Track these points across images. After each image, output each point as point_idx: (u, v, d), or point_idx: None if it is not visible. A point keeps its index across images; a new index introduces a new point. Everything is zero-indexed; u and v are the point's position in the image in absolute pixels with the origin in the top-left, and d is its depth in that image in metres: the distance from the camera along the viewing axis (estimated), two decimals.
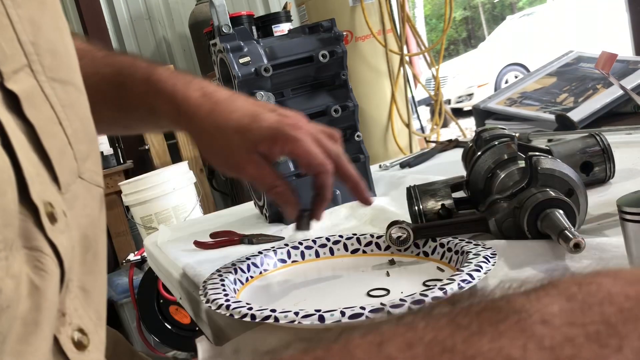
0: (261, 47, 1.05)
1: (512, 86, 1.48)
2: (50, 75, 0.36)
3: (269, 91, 1.05)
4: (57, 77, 0.37)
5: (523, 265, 0.57)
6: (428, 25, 16.29)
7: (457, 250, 0.61)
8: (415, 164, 1.24)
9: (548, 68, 1.49)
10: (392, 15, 2.36)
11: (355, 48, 2.29)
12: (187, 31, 3.08)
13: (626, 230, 0.44)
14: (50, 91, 0.36)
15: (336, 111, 1.09)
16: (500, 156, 0.75)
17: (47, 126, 0.35)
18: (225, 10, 1.02)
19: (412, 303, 0.47)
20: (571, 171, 0.64)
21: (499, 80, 7.83)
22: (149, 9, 3.23)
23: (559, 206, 0.59)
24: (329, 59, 1.07)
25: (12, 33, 0.33)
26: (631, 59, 1.35)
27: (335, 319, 0.46)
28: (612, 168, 0.78)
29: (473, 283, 0.50)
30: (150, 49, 3.25)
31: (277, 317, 0.48)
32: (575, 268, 0.54)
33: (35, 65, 0.35)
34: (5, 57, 0.32)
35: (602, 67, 0.84)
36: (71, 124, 0.38)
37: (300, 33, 1.11)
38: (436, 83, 2.65)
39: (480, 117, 1.45)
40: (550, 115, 1.24)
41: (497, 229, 0.64)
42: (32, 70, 0.35)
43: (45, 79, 0.36)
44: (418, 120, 2.91)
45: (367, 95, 2.28)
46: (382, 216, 0.84)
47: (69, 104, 0.38)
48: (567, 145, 0.79)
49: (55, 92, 0.36)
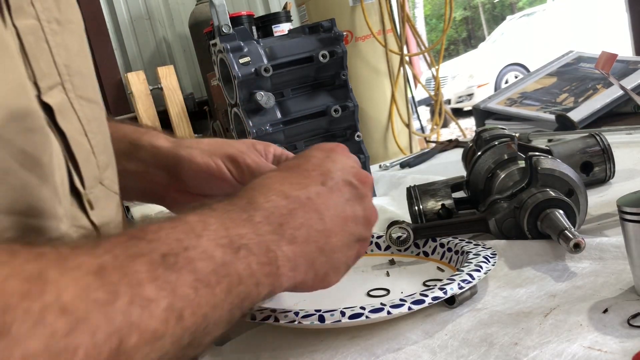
0: (261, 47, 1.05)
1: (512, 86, 1.48)
2: (78, 94, 0.42)
3: (269, 91, 1.05)
4: (84, 95, 0.42)
5: (523, 265, 0.57)
6: (428, 25, 16.29)
7: (457, 250, 0.61)
8: (415, 164, 1.24)
9: (548, 68, 1.49)
10: (392, 15, 2.35)
11: (355, 48, 2.29)
12: (187, 31, 3.08)
13: (626, 230, 0.44)
14: (78, 107, 0.41)
15: (336, 111, 1.09)
16: (500, 156, 0.75)
17: (75, 136, 0.40)
18: (225, 10, 1.02)
19: (412, 303, 0.47)
20: (571, 171, 0.64)
21: (499, 80, 7.83)
22: (149, 9, 3.23)
23: (559, 206, 0.59)
24: (329, 59, 1.06)
25: (49, 56, 0.39)
26: (631, 59, 1.35)
27: (335, 319, 0.46)
28: (612, 168, 0.78)
29: (473, 283, 0.50)
30: (150, 49, 3.25)
31: (277, 317, 0.48)
32: (575, 268, 0.54)
33: (67, 84, 0.40)
34: (43, 75, 0.38)
35: (602, 67, 0.84)
36: (94, 137, 0.43)
37: (300, 33, 1.11)
38: (436, 83, 2.64)
39: (480, 117, 1.44)
40: (550, 115, 1.24)
41: (497, 229, 0.64)
42: (64, 88, 0.40)
43: (74, 96, 0.41)
44: (418, 120, 2.90)
45: (367, 95, 2.28)
46: (382, 216, 0.84)
47: (92, 119, 0.43)
48: (567, 145, 0.79)
49: (82, 108, 0.42)
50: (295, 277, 0.42)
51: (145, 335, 0.29)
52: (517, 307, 0.48)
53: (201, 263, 0.34)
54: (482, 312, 0.49)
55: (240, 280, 0.36)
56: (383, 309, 0.47)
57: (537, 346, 0.41)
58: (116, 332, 0.27)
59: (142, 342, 0.28)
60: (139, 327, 0.28)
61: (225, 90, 1.11)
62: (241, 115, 1.08)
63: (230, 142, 0.66)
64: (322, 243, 0.44)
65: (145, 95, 2.63)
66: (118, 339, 0.27)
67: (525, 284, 0.53)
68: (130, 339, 0.28)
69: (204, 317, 0.33)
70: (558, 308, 0.46)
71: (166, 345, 0.30)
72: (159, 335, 0.30)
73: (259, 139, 1.12)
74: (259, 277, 0.38)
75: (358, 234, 0.48)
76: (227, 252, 0.36)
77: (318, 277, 0.45)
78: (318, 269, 0.45)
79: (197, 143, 0.65)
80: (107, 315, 0.27)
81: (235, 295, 0.36)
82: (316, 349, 0.48)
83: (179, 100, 2.69)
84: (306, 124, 1.11)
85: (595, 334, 0.40)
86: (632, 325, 0.41)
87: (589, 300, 0.46)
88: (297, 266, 0.42)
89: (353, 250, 0.48)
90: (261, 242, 0.39)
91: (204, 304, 0.33)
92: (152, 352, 0.29)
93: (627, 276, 0.48)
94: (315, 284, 0.45)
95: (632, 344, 0.38)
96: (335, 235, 0.46)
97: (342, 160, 0.50)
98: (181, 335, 0.31)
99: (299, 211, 0.43)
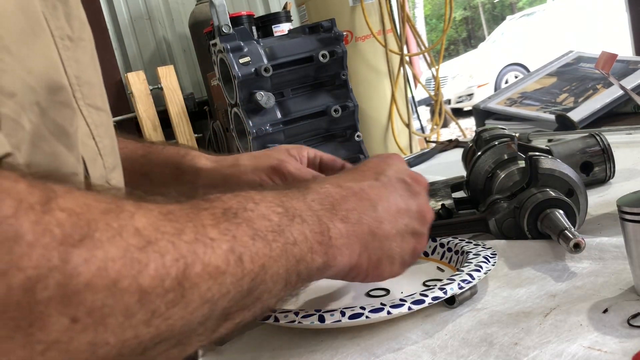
0: (261, 47, 1.05)
1: (512, 86, 1.48)
2: (87, 102, 0.44)
3: (269, 91, 1.05)
4: (92, 103, 0.45)
5: (523, 265, 0.57)
6: (428, 25, 16.28)
7: (457, 250, 0.61)
8: (415, 164, 1.24)
9: (548, 68, 1.49)
10: (392, 15, 2.35)
11: (355, 48, 2.29)
12: (187, 31, 3.08)
13: (626, 230, 0.44)
14: (86, 113, 0.44)
15: (336, 111, 1.09)
16: (500, 156, 0.75)
17: (83, 139, 0.43)
18: (225, 10, 1.02)
19: (412, 303, 0.47)
20: (571, 171, 0.64)
21: (499, 80, 7.83)
22: (149, 9, 3.23)
23: (559, 206, 0.59)
24: (329, 59, 1.06)
25: (62, 68, 0.41)
26: (631, 59, 1.35)
27: (335, 319, 0.46)
28: (612, 168, 0.78)
29: (473, 283, 0.50)
30: (150, 49, 3.25)
31: (277, 317, 0.48)
32: (575, 268, 0.54)
33: (77, 93, 0.43)
34: None
35: (602, 67, 0.84)
36: (101, 140, 0.46)
37: (300, 33, 1.11)
38: (436, 83, 2.64)
39: (480, 117, 1.44)
40: (550, 115, 1.24)
41: (497, 229, 0.64)
42: (74, 96, 0.42)
43: (84, 104, 0.44)
44: (418, 120, 2.90)
45: (367, 95, 2.28)
46: None
47: (99, 125, 0.46)
48: (567, 145, 0.79)
49: (90, 115, 0.45)
50: (350, 256, 0.44)
51: (208, 268, 0.32)
52: (517, 307, 0.48)
53: (259, 221, 0.37)
54: (482, 312, 0.49)
55: (295, 242, 0.39)
56: (383, 309, 0.47)
57: (537, 346, 0.41)
58: (182, 259, 0.30)
59: (205, 274, 0.31)
60: (203, 260, 0.31)
61: (225, 90, 1.11)
62: (241, 115, 1.08)
63: (269, 153, 0.69)
64: (375, 227, 0.46)
65: (145, 95, 2.63)
66: (184, 265, 0.30)
67: (525, 284, 0.53)
68: (194, 268, 0.31)
69: (261, 266, 0.36)
70: (558, 308, 0.46)
71: (227, 284, 0.33)
72: (221, 272, 0.33)
73: (259, 139, 1.12)
74: (312, 243, 0.41)
75: (412, 227, 0.49)
76: (283, 217, 0.39)
77: (372, 263, 0.46)
78: (371, 254, 0.46)
79: (237, 160, 0.68)
80: (174, 244, 0.30)
81: (290, 254, 0.39)
82: (316, 349, 0.48)
83: (179, 100, 2.69)
84: (306, 124, 1.11)
85: (595, 334, 0.40)
86: (632, 325, 0.41)
87: (589, 300, 0.46)
88: (349, 244, 0.44)
89: (408, 243, 0.49)
90: (314, 215, 0.42)
91: (261, 254, 0.36)
92: (215, 286, 0.32)
93: (627, 276, 0.48)
94: (370, 269, 0.47)
95: (632, 344, 0.38)
96: (388, 223, 0.47)
97: (396, 164, 0.52)
98: (241, 277, 0.34)
99: (352, 198, 0.46)
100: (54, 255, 0.25)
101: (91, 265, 0.26)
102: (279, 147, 0.71)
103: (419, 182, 0.52)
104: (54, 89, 0.37)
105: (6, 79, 0.32)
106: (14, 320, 0.24)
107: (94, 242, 0.27)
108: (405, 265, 0.50)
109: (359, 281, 0.48)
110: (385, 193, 0.48)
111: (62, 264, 0.25)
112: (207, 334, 0.34)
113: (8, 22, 0.33)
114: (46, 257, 0.25)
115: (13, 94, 0.32)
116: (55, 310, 0.25)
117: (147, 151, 0.72)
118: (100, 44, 0.56)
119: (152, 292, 0.29)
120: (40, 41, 0.36)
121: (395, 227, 0.48)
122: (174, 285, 0.30)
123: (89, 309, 0.26)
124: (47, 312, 0.25)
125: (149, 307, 0.29)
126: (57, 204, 0.27)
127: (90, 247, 0.27)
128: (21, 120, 0.33)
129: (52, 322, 0.25)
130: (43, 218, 0.26)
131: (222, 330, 0.35)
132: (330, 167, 0.72)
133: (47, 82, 0.36)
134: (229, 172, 0.67)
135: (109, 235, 0.28)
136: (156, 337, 0.30)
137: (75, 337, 0.26)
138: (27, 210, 0.25)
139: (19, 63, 0.33)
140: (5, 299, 0.24)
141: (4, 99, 0.31)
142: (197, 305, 0.31)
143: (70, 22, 0.44)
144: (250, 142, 1.09)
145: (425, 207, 0.51)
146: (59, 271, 0.25)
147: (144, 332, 0.29)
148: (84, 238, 0.26)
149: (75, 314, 0.26)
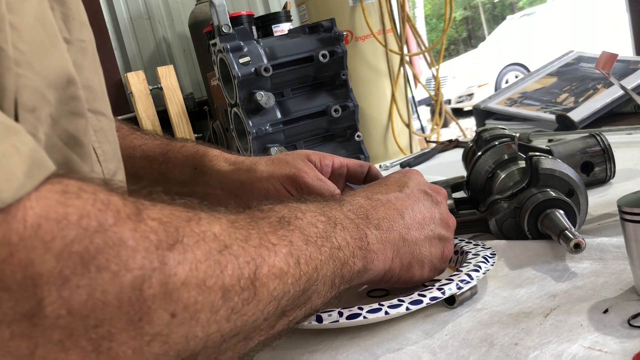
0: (261, 47, 1.05)
1: (512, 86, 1.48)
2: (86, 106, 0.44)
3: (269, 91, 1.05)
4: (92, 108, 0.45)
5: (523, 265, 0.57)
6: (428, 25, 16.29)
7: (457, 250, 0.61)
8: (416, 164, 1.24)
9: (548, 68, 1.49)
10: (392, 15, 2.35)
11: (355, 48, 2.29)
12: (187, 31, 3.07)
13: (626, 230, 0.44)
14: None
15: (336, 111, 1.09)
16: (500, 156, 0.75)
17: None
18: (225, 10, 1.02)
19: (410, 303, 0.47)
20: (571, 171, 0.64)
21: (499, 80, 7.83)
22: (148, 9, 3.23)
23: (560, 206, 0.59)
24: (329, 58, 1.06)
25: (77, 77, 0.41)
26: (631, 59, 1.35)
27: (333, 319, 0.46)
28: (612, 168, 0.78)
29: (472, 283, 0.50)
30: (150, 48, 3.25)
31: None
32: (575, 268, 0.54)
33: None
34: None
35: (602, 67, 0.84)
36: (100, 146, 0.46)
37: (300, 33, 1.11)
38: (436, 83, 2.64)
39: (480, 117, 1.44)
40: (551, 115, 1.24)
41: (497, 229, 0.64)
42: None
43: None
44: (418, 120, 2.90)
45: (367, 95, 2.28)
46: None
47: (100, 130, 0.46)
48: (567, 145, 0.79)
49: (90, 120, 0.45)
50: (384, 261, 0.48)
51: (274, 269, 0.36)
52: (517, 307, 0.48)
53: (308, 228, 0.42)
54: (482, 312, 0.49)
55: (339, 247, 0.43)
56: (381, 309, 0.46)
57: (537, 346, 0.41)
58: (252, 261, 0.34)
59: (271, 274, 0.35)
60: (268, 262, 0.36)
61: (225, 90, 1.11)
62: (241, 115, 1.08)
63: (287, 160, 0.68)
64: (404, 233, 0.51)
65: (145, 95, 2.63)
66: (254, 266, 0.34)
67: (525, 284, 0.52)
68: (262, 269, 0.35)
69: (314, 268, 0.40)
70: (558, 308, 0.46)
71: (288, 283, 0.37)
72: (284, 272, 0.37)
73: (259, 139, 1.12)
74: (354, 248, 0.45)
75: (438, 232, 0.53)
76: (327, 225, 0.44)
77: (404, 267, 0.51)
78: (403, 258, 0.50)
79: (255, 164, 0.69)
80: (244, 248, 0.34)
81: (336, 259, 0.43)
82: (316, 349, 0.48)
83: (179, 100, 2.68)
84: (306, 123, 1.11)
85: (596, 334, 0.40)
86: (633, 326, 0.40)
87: (589, 300, 0.46)
88: (384, 249, 0.48)
89: (437, 248, 0.53)
90: (352, 223, 0.47)
91: (314, 257, 0.40)
92: (280, 286, 0.36)
93: (628, 276, 0.48)
94: (402, 273, 0.51)
95: (633, 344, 0.38)
96: (415, 230, 0.52)
97: (416, 177, 0.57)
98: (299, 277, 0.38)
99: (381, 208, 0.51)
100: (153, 258, 0.29)
101: (185, 266, 0.30)
102: (299, 152, 0.70)
103: (439, 193, 0.56)
104: (67, 99, 0.38)
105: (28, 94, 0.32)
106: (127, 314, 0.27)
107: (183, 246, 0.30)
108: (436, 269, 0.54)
109: (392, 285, 0.53)
110: (410, 203, 0.53)
111: (161, 266, 0.29)
112: (267, 329, 0.37)
113: (29, 37, 0.33)
114: (148, 260, 0.28)
115: (34, 109, 0.33)
116: (159, 306, 0.28)
117: (165, 149, 0.73)
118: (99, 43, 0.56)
119: (231, 290, 0.32)
120: (56, 52, 0.37)
121: (423, 234, 0.52)
122: (247, 284, 0.33)
123: (185, 305, 0.29)
124: (153, 308, 0.28)
125: (229, 304, 0.32)
126: (148, 214, 0.30)
127: (181, 251, 0.30)
128: (38, 133, 0.34)
129: (157, 317, 0.28)
130: (139, 226, 0.29)
131: (278, 327, 0.39)
132: (358, 175, 0.72)
133: (63, 92, 0.37)
134: (245, 177, 0.68)
135: (195, 240, 0.31)
136: (233, 331, 0.33)
137: (174, 330, 0.29)
138: (126, 220, 0.29)
139: (39, 76, 0.34)
140: (119, 295, 0.27)
141: (25, 115, 0.32)
142: (266, 303, 0.35)
143: (68, 23, 0.43)
144: (250, 142, 1.09)
145: (447, 215, 0.55)
146: (160, 271, 0.29)
147: (225, 327, 0.32)
148: (175, 243, 0.30)
149: (174, 310, 0.29)
